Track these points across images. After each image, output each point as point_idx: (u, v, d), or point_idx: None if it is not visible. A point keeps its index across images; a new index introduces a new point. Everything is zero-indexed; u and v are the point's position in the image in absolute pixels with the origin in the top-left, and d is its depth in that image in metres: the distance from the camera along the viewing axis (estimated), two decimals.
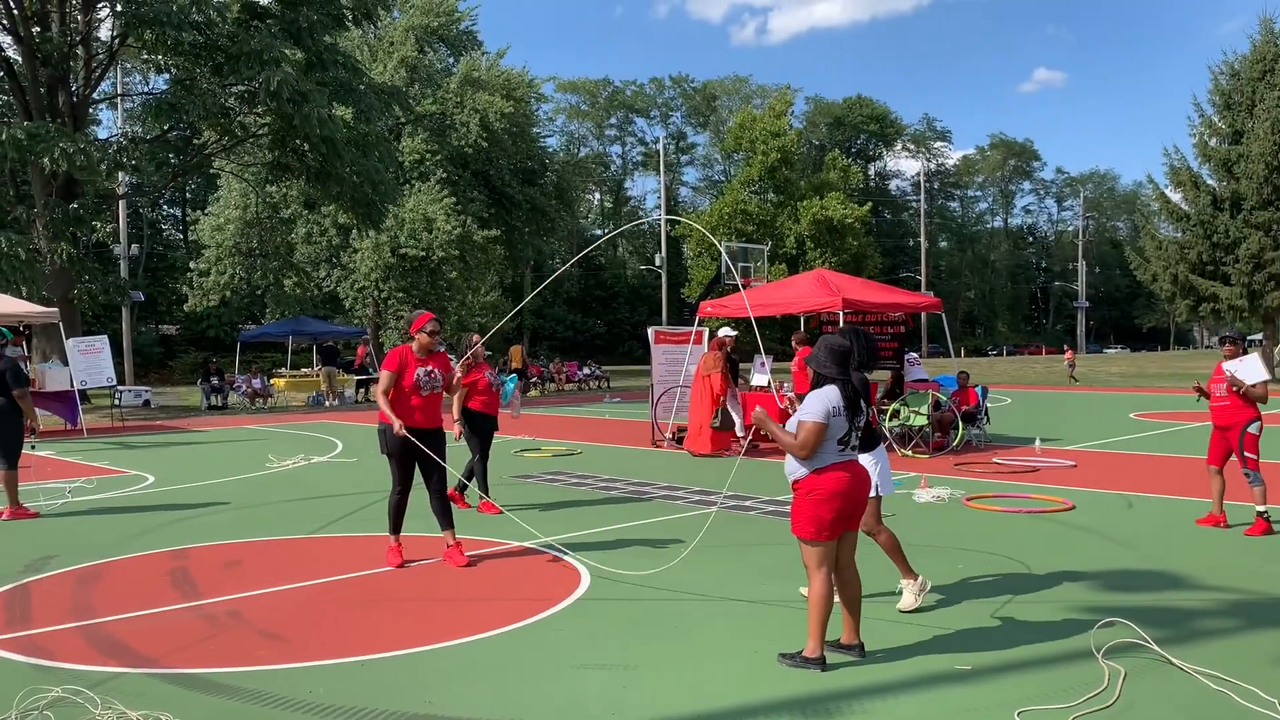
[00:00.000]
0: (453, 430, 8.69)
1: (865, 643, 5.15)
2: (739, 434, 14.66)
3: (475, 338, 9.40)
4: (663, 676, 4.86)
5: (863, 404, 5.04)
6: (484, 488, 9.54)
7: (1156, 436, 16.23)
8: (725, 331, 14.84)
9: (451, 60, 46.85)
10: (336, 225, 38.04)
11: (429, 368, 7.25)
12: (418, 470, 7.36)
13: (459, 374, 8.04)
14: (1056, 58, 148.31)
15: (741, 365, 17.50)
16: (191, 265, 38.31)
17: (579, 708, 4.46)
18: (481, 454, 9.54)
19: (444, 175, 40.05)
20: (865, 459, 5.63)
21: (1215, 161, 36.01)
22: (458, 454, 9.83)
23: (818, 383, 5.06)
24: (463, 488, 9.65)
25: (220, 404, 26.58)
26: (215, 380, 26.94)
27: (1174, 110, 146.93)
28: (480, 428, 9.51)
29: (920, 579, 6.04)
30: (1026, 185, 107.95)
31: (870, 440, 5.63)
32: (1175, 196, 38.07)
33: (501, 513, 9.23)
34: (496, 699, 4.57)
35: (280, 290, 37.49)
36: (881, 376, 16.44)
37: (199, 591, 6.62)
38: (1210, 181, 36.64)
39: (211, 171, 38.00)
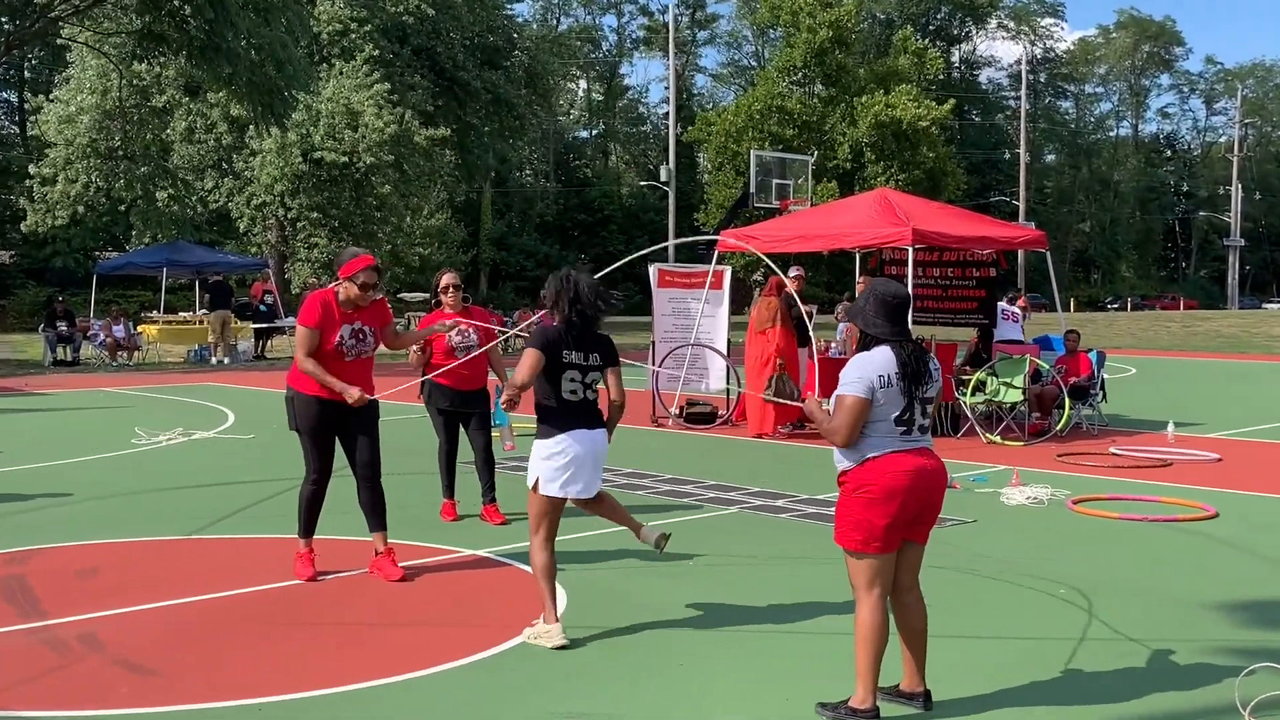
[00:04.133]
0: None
1: (932, 690, 5.20)
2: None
3: (446, 277, 9.11)
4: None
5: (931, 370, 5.04)
6: (448, 486, 9.38)
7: None
8: (794, 271, 14.92)
9: None
10: (228, 119, 37.76)
11: (357, 324, 7.22)
12: (339, 452, 7.39)
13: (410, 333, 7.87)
14: None
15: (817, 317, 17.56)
16: (31, 170, 38.09)
17: None
18: (447, 441, 9.31)
19: (374, 53, 39.74)
20: (567, 439, 6.05)
21: None
22: (400, 431, 9.67)
23: (865, 344, 5.07)
24: (489, 494, 9.36)
25: (70, 358, 26.56)
26: (63, 326, 26.87)
27: None
28: (440, 405, 9.20)
29: (557, 627, 5.99)
30: (1165, 80, 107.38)
31: (591, 415, 6.16)
32: None
33: (459, 519, 9.21)
34: None
35: (151, 205, 37.30)
36: (963, 336, 16.46)
37: (41, 609, 6.64)
38: None
39: (59, 42, 37.70)
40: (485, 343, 9.05)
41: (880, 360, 4.97)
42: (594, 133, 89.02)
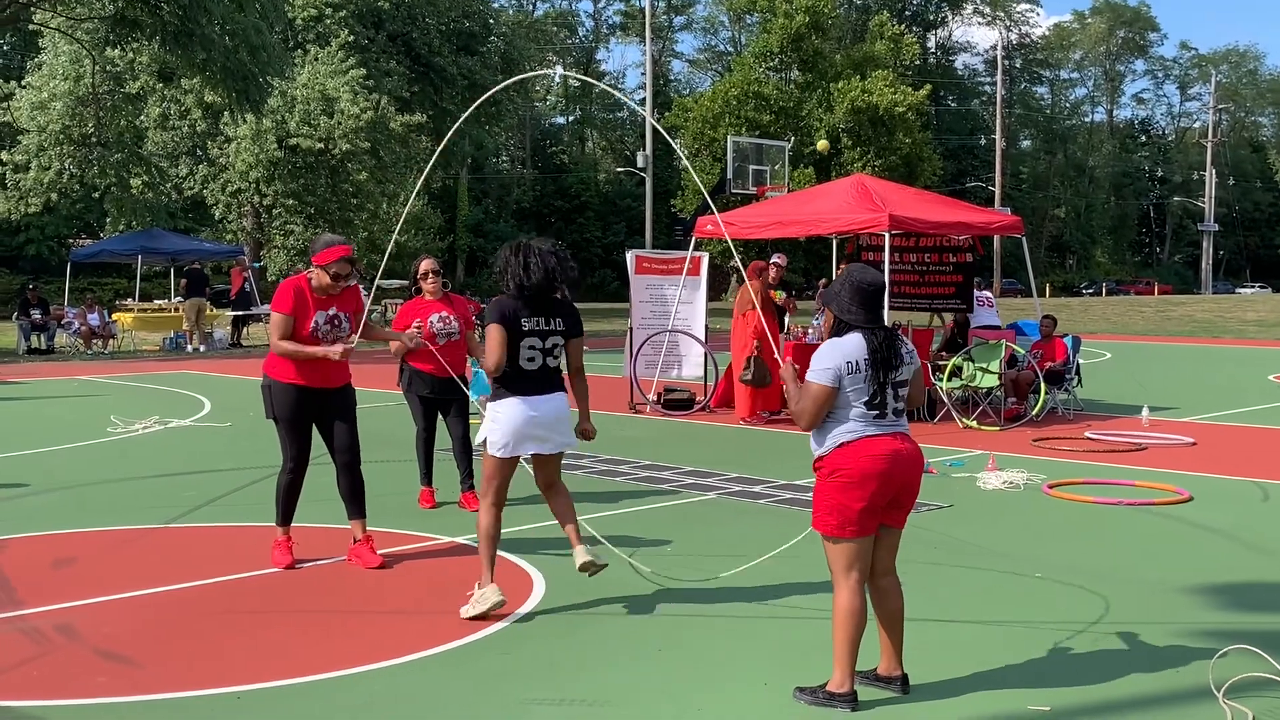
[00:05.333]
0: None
1: (909, 674, 5.23)
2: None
3: (425, 263, 9.06)
4: (640, 716, 4.94)
5: (904, 355, 5.06)
6: (426, 473, 9.41)
7: None
8: (775, 260, 14.99)
9: None
10: (202, 105, 37.54)
11: (331, 311, 7.20)
12: (318, 440, 7.37)
13: (376, 321, 7.78)
14: None
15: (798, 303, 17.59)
16: (4, 157, 37.84)
17: None
18: (425, 428, 9.32)
19: (349, 39, 39.57)
20: (508, 403, 6.17)
21: None
22: (378, 419, 9.73)
23: (838, 330, 5.10)
24: (467, 481, 9.32)
25: (44, 346, 26.46)
26: (37, 314, 26.78)
27: None
28: (420, 392, 9.17)
29: (492, 587, 6.16)
30: (1139, 65, 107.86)
31: (545, 381, 6.25)
32: None
33: (437, 506, 9.20)
34: None
35: (125, 192, 37.13)
36: (938, 322, 16.53)
37: (18, 599, 6.63)
38: None
39: (31, 27, 37.40)
40: (466, 331, 9.07)
41: (851, 347, 5.00)
42: (570, 119, 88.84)
